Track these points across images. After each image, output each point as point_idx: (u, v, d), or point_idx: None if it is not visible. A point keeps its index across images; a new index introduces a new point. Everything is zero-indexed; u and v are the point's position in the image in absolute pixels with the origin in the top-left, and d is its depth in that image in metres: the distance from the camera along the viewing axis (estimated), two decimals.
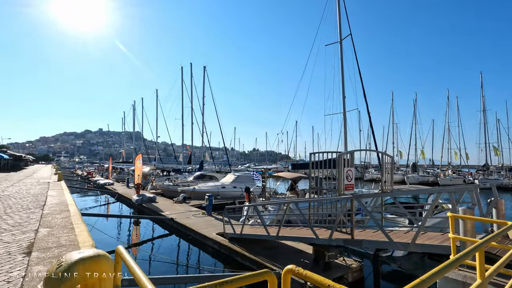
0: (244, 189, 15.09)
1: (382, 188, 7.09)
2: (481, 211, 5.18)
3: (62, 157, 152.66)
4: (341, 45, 18.94)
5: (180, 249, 11.36)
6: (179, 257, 10.14)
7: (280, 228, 8.09)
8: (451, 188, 5.67)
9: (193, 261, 9.64)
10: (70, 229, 6.35)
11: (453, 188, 5.55)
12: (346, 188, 6.18)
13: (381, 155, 7.42)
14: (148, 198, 19.42)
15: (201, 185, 22.95)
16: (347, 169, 6.28)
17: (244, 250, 9.20)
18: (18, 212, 8.34)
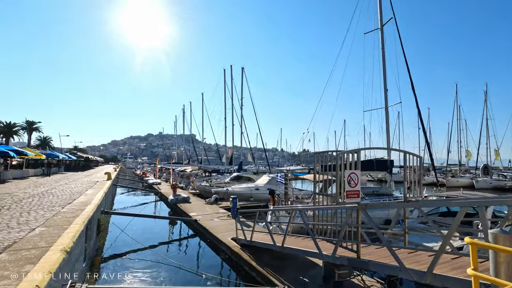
0: (269, 192, 14.26)
1: (405, 196, 5.67)
2: None
3: (128, 158, 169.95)
4: (382, 32, 16.86)
5: (197, 252, 11.06)
6: (192, 261, 9.79)
7: (285, 237, 7.13)
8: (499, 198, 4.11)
9: (204, 266, 9.18)
10: (63, 229, 6.39)
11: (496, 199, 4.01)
12: (348, 196, 5.00)
13: (403, 156, 5.95)
14: (182, 198, 19.86)
15: (235, 186, 22.73)
16: (350, 172, 5.09)
17: (252, 259, 8.43)
18: (41, 210, 8.90)
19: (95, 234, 9.75)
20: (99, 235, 10.54)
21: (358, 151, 5.37)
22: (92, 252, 9.01)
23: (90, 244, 8.52)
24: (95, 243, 9.72)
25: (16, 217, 7.66)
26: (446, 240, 3.58)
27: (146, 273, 8.48)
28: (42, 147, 71.53)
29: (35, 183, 18.97)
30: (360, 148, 5.69)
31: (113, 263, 9.68)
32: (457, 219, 3.46)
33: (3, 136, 55.12)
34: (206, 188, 24.35)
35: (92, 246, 8.92)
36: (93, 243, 9.40)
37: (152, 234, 13.46)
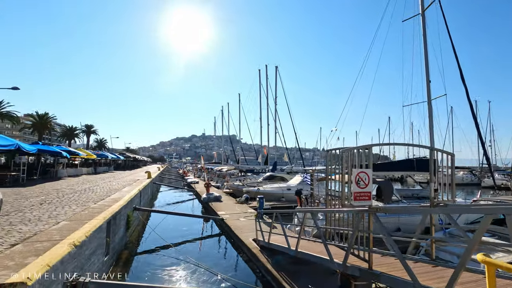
0: (295, 192, 13.71)
1: (432, 200, 4.86)
2: None
3: (173, 158, 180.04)
4: (424, 17, 15.21)
5: (219, 251, 11.03)
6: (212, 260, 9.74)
7: (299, 241, 6.66)
8: None
9: (222, 267, 9.07)
10: (82, 224, 6.74)
11: None
12: (356, 198, 4.37)
13: (429, 153, 5.09)
14: (214, 197, 20.19)
15: (267, 186, 22.46)
16: (358, 171, 4.45)
17: (269, 262, 8.08)
18: (75, 205, 9.60)
19: (122, 229, 10.22)
20: (128, 230, 11.05)
21: (369, 147, 4.71)
22: (118, 247, 9.44)
23: (115, 238, 8.94)
24: (122, 238, 10.19)
25: (50, 211, 8.32)
26: (467, 255, 2.88)
27: (165, 270, 8.64)
28: (99, 148, 79.09)
29: (84, 180, 20.83)
30: (372, 144, 5.01)
31: (138, 258, 10.09)
32: (480, 231, 2.76)
33: (66, 139, 62.08)
34: (238, 187, 24.48)
35: (118, 240, 9.35)
36: (120, 238, 9.86)
37: (180, 231, 13.80)
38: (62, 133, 62.11)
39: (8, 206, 8.92)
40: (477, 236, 2.84)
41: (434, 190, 5.31)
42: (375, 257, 4.88)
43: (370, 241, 4.38)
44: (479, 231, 2.82)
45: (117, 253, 9.31)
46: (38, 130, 47.99)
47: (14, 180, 16.55)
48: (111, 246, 8.32)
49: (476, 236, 2.85)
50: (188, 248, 11.11)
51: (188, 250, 10.67)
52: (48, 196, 11.64)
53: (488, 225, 2.79)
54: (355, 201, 4.37)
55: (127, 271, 8.68)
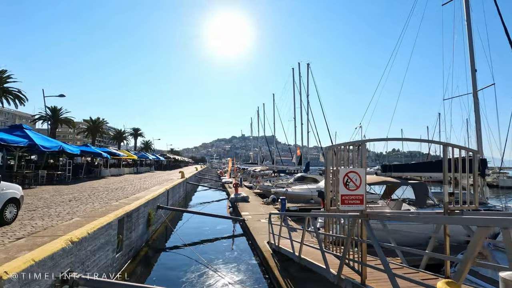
0: (318, 194, 12.95)
1: (445, 207, 4.06)
2: None
3: (214, 159, 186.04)
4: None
5: (235, 253, 10.83)
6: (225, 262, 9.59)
7: (301, 247, 6.16)
8: None
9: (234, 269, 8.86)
10: (92, 220, 7.04)
11: None
12: (344, 201, 3.73)
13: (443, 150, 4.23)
14: (241, 198, 20.17)
15: (296, 187, 21.78)
16: (347, 171, 3.81)
17: (277, 267, 7.65)
18: (98, 202, 10.17)
19: (142, 227, 10.58)
20: (149, 228, 11.43)
21: (362, 143, 4.05)
22: (136, 243, 9.76)
23: (131, 235, 9.26)
24: (142, 235, 10.54)
25: (72, 208, 8.89)
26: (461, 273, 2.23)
27: (175, 270, 8.71)
28: (145, 149, 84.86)
29: (122, 179, 22.30)
30: (365, 139, 4.32)
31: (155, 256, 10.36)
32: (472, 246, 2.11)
33: (116, 141, 67.70)
34: (268, 188, 24.18)
35: (135, 238, 9.67)
36: (139, 235, 10.20)
37: (203, 231, 13.95)
38: (113, 136, 67.71)
39: (41, 202, 9.76)
40: (469, 252, 2.19)
41: (449, 194, 4.45)
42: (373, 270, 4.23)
43: (363, 252, 3.77)
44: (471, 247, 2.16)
45: (134, 250, 9.64)
46: (92, 134, 53.11)
47: (61, 178, 18.30)
48: (125, 242, 8.61)
49: (467, 253, 2.20)
50: (204, 249, 11.11)
51: (203, 251, 10.67)
52: (81, 193, 12.55)
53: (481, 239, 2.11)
54: (343, 205, 3.80)
55: (141, 268, 8.93)
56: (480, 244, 2.23)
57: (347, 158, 4.08)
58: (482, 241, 2.22)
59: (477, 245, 2.19)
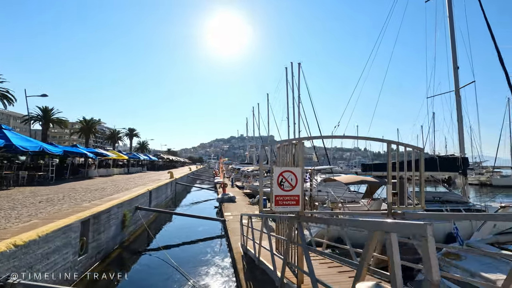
0: None
1: (389, 208, 3.86)
2: None
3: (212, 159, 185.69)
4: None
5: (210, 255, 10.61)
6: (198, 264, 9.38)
7: (260, 249, 5.95)
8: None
9: (203, 272, 8.64)
10: (49, 222, 6.82)
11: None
12: (278, 202, 3.52)
13: (387, 147, 4.04)
14: (228, 198, 19.95)
15: None
16: (282, 170, 3.61)
17: (243, 270, 7.43)
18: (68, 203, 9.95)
19: (115, 228, 10.34)
20: (123, 229, 11.20)
21: (298, 141, 3.83)
22: (105, 246, 9.50)
23: (100, 237, 9.03)
24: (114, 237, 10.29)
25: (40, 209, 8.64)
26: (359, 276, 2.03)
27: (142, 273, 8.51)
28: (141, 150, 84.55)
29: (109, 180, 22.06)
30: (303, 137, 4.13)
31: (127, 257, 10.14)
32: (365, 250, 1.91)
33: (111, 141, 67.40)
34: (257, 188, 23.98)
35: (105, 240, 9.44)
36: (110, 237, 9.96)
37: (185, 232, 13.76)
38: (107, 136, 67.39)
39: (10, 204, 9.51)
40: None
41: (393, 195, 4.26)
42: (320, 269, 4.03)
43: (298, 255, 3.57)
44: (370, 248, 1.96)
45: (104, 252, 9.41)
46: (85, 134, 52.79)
47: (43, 179, 18.04)
48: (91, 244, 8.38)
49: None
50: (180, 251, 10.93)
51: (177, 253, 10.47)
52: (57, 194, 12.30)
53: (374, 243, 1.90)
54: (276, 206, 3.59)
55: (109, 270, 8.70)
56: (372, 248, 2.03)
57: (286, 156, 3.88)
58: (374, 245, 2.02)
59: (369, 249, 1.99)
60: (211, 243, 12.26)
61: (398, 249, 1.69)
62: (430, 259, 1.49)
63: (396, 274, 1.57)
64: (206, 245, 11.96)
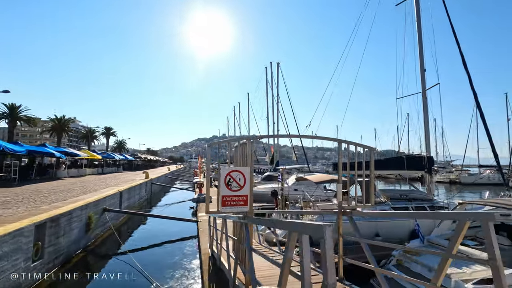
0: (271, 193, 12.77)
1: (339, 207, 3.88)
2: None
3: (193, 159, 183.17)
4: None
5: (177, 257, 10.36)
6: (165, 267, 9.13)
7: (221, 248, 5.84)
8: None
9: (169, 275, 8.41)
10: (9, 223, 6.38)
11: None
12: (225, 203, 3.45)
13: (338, 146, 4.07)
14: (203, 198, 19.68)
15: (261, 186, 21.60)
16: (229, 170, 3.54)
17: (208, 272, 7.29)
18: (25, 206, 9.39)
19: (77, 231, 9.86)
20: (88, 232, 10.71)
21: (248, 139, 3.77)
22: (66, 250, 9.02)
23: (59, 241, 8.57)
24: (76, 241, 9.81)
25: None
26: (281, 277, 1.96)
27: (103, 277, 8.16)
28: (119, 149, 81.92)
29: (79, 181, 21.12)
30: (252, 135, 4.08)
31: (91, 262, 9.72)
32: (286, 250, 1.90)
33: (86, 140, 64.75)
34: None
35: (65, 244, 8.96)
36: (72, 241, 9.48)
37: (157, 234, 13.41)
38: (82, 135, 64.75)
39: None
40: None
41: (343, 193, 4.30)
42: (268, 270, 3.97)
43: (245, 254, 3.49)
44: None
45: (65, 256, 8.94)
46: (57, 133, 50.34)
47: (5, 180, 16.99)
48: (48, 249, 7.93)
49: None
50: (148, 254, 10.67)
51: (143, 256, 10.18)
52: (16, 196, 11.59)
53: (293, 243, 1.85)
54: (223, 207, 3.50)
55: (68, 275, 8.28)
56: (292, 249, 1.98)
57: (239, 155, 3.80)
58: (294, 245, 1.97)
59: (290, 250, 1.94)
60: (183, 245, 12.00)
61: (308, 250, 1.63)
62: (327, 262, 1.44)
63: (305, 278, 1.50)
64: (177, 247, 11.70)
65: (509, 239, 8.17)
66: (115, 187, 16.28)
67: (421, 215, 6.69)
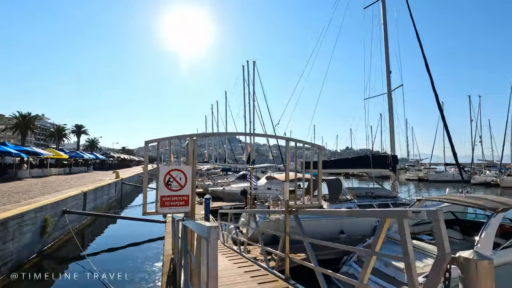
0: (241, 192, 12.70)
1: (286, 205, 3.85)
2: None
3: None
4: (384, 3, 14.12)
5: (143, 260, 10.02)
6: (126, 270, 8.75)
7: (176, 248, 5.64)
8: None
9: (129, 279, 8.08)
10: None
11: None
12: (164, 203, 3.32)
13: (286, 144, 4.06)
14: None
15: (234, 185, 21.49)
16: (169, 169, 3.42)
17: (167, 274, 7.06)
18: None
19: (31, 235, 9.24)
20: (44, 236, 10.08)
21: (190, 137, 3.67)
22: (16, 255, 8.40)
23: (8, 247, 7.97)
24: (29, 245, 9.18)
25: None
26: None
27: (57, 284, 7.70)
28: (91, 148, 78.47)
29: (41, 181, 19.93)
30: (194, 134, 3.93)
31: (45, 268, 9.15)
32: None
33: (54, 139, 61.43)
34: (209, 187, 23.54)
35: (15, 249, 8.33)
36: (24, 245, 8.86)
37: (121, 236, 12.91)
38: (49, 133, 61.38)
39: None
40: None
41: (290, 192, 4.31)
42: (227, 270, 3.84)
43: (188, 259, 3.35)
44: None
45: (14, 262, 8.33)
46: (21, 130, 47.36)
47: None
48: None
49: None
50: (106, 258, 10.23)
51: (104, 260, 9.77)
52: None
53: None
54: (162, 208, 3.36)
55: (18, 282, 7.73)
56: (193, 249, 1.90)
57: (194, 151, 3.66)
58: (199, 245, 1.88)
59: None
60: (149, 247, 11.64)
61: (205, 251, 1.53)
62: (209, 261, 1.35)
63: (210, 284, 1.40)
64: (143, 249, 11.32)
65: (461, 233, 8.55)
66: (79, 188, 15.50)
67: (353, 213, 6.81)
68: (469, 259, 1.88)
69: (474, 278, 1.84)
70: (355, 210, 7.68)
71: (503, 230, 7.93)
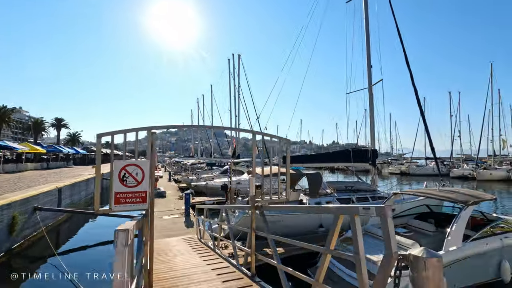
0: (221, 187, 12.57)
1: (252, 200, 3.74)
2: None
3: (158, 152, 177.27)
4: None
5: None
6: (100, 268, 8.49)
7: None
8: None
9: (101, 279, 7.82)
10: None
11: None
12: (119, 200, 3.15)
13: (252, 138, 3.95)
14: (157, 193, 18.93)
15: (218, 180, 21.31)
16: (124, 164, 3.23)
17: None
18: None
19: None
20: (12, 234, 9.63)
21: (148, 130, 3.48)
22: None
23: None
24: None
25: None
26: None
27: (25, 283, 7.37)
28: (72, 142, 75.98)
29: (14, 176, 19.10)
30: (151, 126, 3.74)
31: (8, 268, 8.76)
32: None
33: (32, 133, 59.07)
34: (192, 182, 23.26)
35: None
36: None
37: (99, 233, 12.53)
38: (27, 127, 58.99)
39: None
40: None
41: (257, 187, 4.20)
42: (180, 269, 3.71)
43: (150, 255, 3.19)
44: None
45: None
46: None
47: None
48: None
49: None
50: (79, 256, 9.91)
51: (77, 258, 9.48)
52: None
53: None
54: (117, 205, 3.17)
55: None
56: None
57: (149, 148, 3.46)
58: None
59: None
60: None
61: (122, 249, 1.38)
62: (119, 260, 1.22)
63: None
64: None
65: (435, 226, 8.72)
66: (53, 183, 14.91)
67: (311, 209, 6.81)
68: (418, 257, 1.82)
69: (423, 276, 1.79)
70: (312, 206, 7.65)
71: (474, 223, 8.12)
